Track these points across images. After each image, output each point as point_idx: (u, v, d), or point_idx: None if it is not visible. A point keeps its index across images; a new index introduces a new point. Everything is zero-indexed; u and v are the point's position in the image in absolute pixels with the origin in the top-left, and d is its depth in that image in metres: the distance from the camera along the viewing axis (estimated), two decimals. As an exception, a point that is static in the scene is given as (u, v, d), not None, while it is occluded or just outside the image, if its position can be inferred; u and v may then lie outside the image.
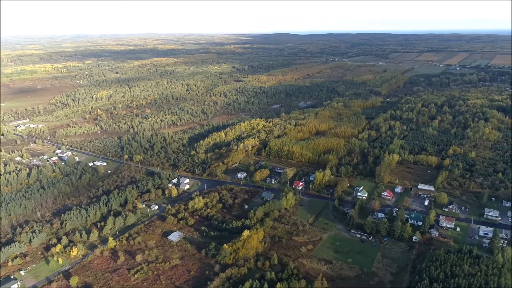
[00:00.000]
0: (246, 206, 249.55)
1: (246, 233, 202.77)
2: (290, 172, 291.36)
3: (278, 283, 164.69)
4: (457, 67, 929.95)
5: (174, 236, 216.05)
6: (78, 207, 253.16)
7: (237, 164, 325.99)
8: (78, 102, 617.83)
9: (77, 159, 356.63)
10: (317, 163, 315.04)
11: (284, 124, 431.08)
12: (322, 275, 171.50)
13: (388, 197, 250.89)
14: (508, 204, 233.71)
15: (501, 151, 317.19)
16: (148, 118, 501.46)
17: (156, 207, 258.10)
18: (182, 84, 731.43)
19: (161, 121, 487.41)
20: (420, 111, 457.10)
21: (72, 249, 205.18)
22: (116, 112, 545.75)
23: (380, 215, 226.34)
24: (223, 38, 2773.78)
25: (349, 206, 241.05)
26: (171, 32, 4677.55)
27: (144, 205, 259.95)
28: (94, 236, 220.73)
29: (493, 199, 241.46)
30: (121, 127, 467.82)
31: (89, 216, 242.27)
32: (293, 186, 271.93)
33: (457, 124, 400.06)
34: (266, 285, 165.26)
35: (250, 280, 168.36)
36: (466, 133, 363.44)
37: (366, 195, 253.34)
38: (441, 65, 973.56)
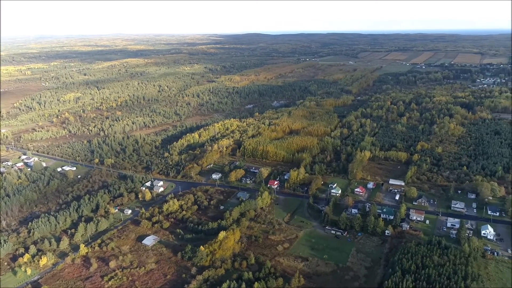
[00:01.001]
0: (222, 207, 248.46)
1: (222, 234, 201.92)
2: (265, 171, 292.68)
3: (256, 283, 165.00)
4: (423, 65, 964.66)
5: (149, 240, 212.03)
6: (46, 214, 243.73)
7: (211, 165, 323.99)
8: (44, 105, 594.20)
9: (44, 164, 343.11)
10: (292, 162, 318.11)
11: (258, 124, 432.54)
12: (299, 273, 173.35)
13: (361, 193, 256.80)
14: (473, 196, 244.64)
15: (465, 145, 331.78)
16: (119, 120, 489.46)
17: (130, 211, 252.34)
18: (154, 85, 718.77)
19: (133, 123, 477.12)
20: (389, 108, 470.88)
21: (41, 258, 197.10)
22: (85, 115, 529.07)
23: (354, 211, 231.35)
24: (194, 38, 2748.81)
25: (323, 203, 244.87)
26: (141, 32, 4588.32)
27: (116, 210, 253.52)
28: (65, 243, 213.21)
29: (459, 191, 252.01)
30: (91, 130, 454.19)
31: (58, 223, 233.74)
32: (268, 185, 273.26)
33: (424, 120, 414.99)
34: (243, 285, 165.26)
35: (228, 281, 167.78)
36: (432, 129, 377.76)
37: (339, 192, 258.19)
38: (408, 64, 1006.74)
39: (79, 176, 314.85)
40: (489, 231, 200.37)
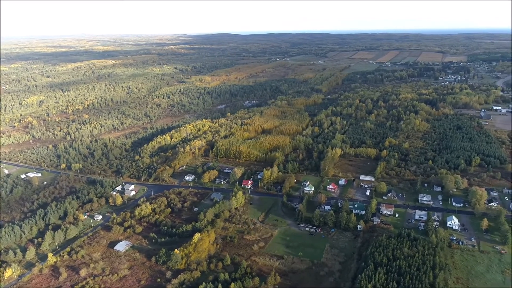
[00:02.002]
0: (196, 209, 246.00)
1: (197, 236, 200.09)
2: (238, 171, 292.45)
3: (232, 283, 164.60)
4: (389, 64, 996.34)
5: (121, 246, 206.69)
6: (10, 224, 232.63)
7: (184, 166, 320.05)
8: (5, 110, 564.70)
9: (6, 171, 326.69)
10: (265, 161, 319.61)
11: (230, 124, 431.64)
12: (275, 271, 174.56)
13: (333, 190, 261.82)
14: (439, 189, 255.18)
15: (430, 140, 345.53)
16: (86, 123, 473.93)
17: (100, 217, 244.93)
18: (122, 87, 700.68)
19: (101, 126, 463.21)
20: (358, 106, 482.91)
21: (5, 270, 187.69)
22: (49, 119, 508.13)
23: (327, 207, 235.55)
24: (163, 38, 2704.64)
25: (297, 201, 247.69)
26: (108, 33, 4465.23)
27: (86, 216, 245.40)
28: (31, 253, 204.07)
29: (426, 185, 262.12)
30: (56, 135, 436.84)
31: (23, 232, 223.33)
32: (242, 185, 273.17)
33: (392, 117, 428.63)
34: (220, 286, 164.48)
35: (204, 283, 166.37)
36: (399, 125, 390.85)
37: (312, 189, 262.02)
38: (374, 63, 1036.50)
39: (44, 183, 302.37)
40: (454, 222, 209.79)
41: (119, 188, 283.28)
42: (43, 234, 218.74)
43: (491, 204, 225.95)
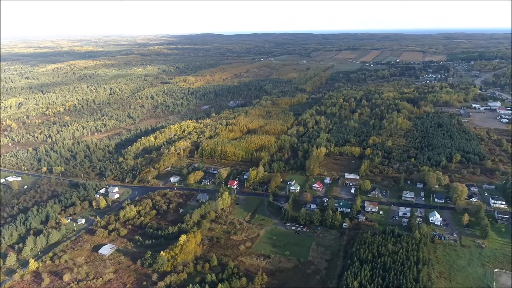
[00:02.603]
0: (181, 210, 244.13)
1: (183, 237, 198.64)
2: (224, 172, 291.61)
3: (219, 284, 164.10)
4: (371, 63, 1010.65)
5: (106, 250, 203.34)
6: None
7: (169, 168, 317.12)
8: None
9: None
10: (250, 161, 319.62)
11: (215, 124, 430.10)
12: (262, 271, 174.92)
13: (319, 188, 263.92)
14: (421, 185, 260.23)
15: (412, 138, 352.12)
16: (68, 126, 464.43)
17: (83, 220, 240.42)
18: (105, 88, 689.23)
19: (83, 128, 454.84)
20: (342, 105, 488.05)
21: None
22: (29, 122, 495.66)
23: (312, 206, 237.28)
24: (146, 39, 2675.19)
25: (283, 201, 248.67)
26: (89, 33, 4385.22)
27: (69, 220, 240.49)
28: (12, 260, 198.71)
29: (409, 182, 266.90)
30: (37, 138, 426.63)
31: (3, 238, 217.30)
32: (228, 185, 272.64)
33: (375, 116, 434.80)
34: (207, 287, 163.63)
35: (191, 285, 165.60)
36: (382, 123, 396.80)
37: (298, 188, 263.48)
38: (357, 62, 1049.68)
39: (25, 187, 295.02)
40: (436, 218, 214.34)
41: (102, 191, 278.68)
42: (24, 240, 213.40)
43: (471, 199, 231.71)
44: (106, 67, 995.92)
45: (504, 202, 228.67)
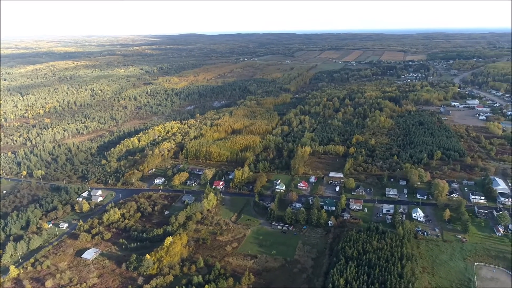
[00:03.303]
0: (166, 212, 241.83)
1: (169, 239, 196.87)
2: (209, 172, 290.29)
3: (206, 286, 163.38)
4: (354, 63, 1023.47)
5: (89, 254, 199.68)
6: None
7: (153, 169, 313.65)
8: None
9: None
10: (236, 161, 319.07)
11: (199, 125, 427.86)
12: (249, 271, 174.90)
13: (304, 188, 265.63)
14: (404, 183, 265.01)
15: (394, 136, 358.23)
16: (48, 128, 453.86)
17: (66, 225, 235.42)
18: (86, 89, 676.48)
19: (64, 130, 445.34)
20: (326, 105, 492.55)
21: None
22: (7, 124, 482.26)
23: (298, 205, 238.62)
24: (128, 39, 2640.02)
25: (269, 200, 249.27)
26: (68, 33, 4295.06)
27: (50, 225, 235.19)
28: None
29: (392, 179, 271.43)
30: (16, 141, 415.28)
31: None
32: (214, 186, 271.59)
33: (358, 115, 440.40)
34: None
35: (177, 287, 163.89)
36: (365, 122, 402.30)
37: (283, 187, 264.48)
38: (340, 62, 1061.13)
39: (4, 191, 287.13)
40: (419, 214, 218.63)
41: (85, 194, 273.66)
42: (4, 246, 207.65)
43: (452, 195, 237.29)
44: (87, 68, 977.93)
45: (483, 197, 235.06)
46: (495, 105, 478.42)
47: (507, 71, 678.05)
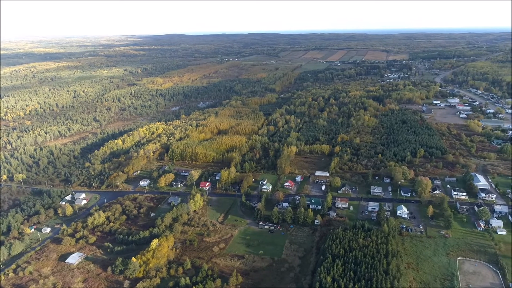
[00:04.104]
0: (152, 214, 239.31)
1: (155, 242, 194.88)
2: (195, 173, 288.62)
3: (194, 287, 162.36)
4: (338, 63, 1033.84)
5: (74, 258, 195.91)
6: None
7: (138, 171, 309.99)
8: None
9: None
10: (222, 162, 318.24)
11: (185, 126, 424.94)
12: (236, 271, 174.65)
13: (290, 187, 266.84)
14: (388, 180, 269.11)
15: (378, 135, 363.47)
16: (29, 131, 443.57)
17: (49, 229, 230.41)
18: (68, 91, 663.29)
19: (46, 133, 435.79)
20: (311, 104, 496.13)
21: None
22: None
23: (285, 204, 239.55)
24: (111, 39, 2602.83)
25: (255, 200, 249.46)
26: (49, 34, 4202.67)
27: (33, 230, 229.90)
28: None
29: (376, 177, 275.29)
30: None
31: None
32: (200, 187, 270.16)
33: (343, 114, 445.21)
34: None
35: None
36: (350, 121, 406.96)
37: (270, 187, 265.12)
38: (324, 62, 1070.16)
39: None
40: (403, 211, 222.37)
41: (68, 197, 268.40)
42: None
43: (435, 192, 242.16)
44: (69, 69, 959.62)
45: (464, 194, 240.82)
46: (475, 104, 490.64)
47: (485, 70, 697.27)
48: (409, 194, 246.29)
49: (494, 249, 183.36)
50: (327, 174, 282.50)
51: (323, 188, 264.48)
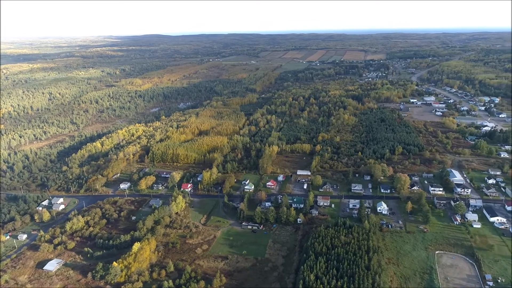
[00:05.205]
0: (133, 218, 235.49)
1: (136, 245, 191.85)
2: (177, 175, 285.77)
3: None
4: (318, 63, 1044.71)
5: (52, 265, 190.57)
6: None
7: (118, 174, 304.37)
8: None
9: None
10: (204, 163, 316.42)
11: (165, 127, 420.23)
12: (220, 272, 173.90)
13: (273, 186, 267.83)
14: (368, 178, 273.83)
15: (358, 133, 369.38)
16: (3, 135, 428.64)
17: (25, 236, 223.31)
18: (43, 93, 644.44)
19: (20, 137, 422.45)
20: (291, 104, 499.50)
21: None
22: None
23: (267, 204, 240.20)
24: (87, 40, 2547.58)
25: (238, 200, 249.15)
26: (22, 35, 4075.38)
27: (8, 237, 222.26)
28: None
29: (357, 175, 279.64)
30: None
31: None
32: (182, 189, 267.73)
33: (323, 113, 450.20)
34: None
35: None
36: (330, 120, 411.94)
37: (252, 187, 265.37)
38: (304, 62, 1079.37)
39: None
40: (383, 207, 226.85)
41: (45, 202, 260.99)
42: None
43: (413, 188, 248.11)
44: (44, 71, 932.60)
45: (441, 189, 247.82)
46: (449, 101, 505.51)
47: (459, 69, 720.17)
48: (389, 191, 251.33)
49: (470, 242, 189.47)
50: (309, 173, 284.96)
51: (305, 187, 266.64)
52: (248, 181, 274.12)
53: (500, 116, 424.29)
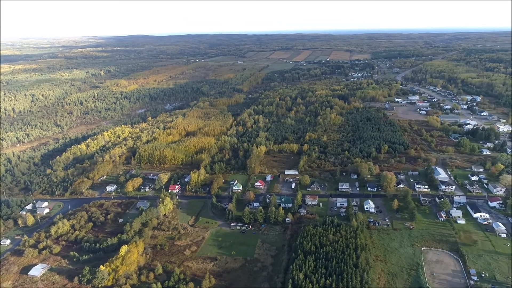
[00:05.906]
0: (121, 220, 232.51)
1: (124, 248, 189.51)
2: (164, 177, 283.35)
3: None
4: (304, 63, 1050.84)
5: (37, 270, 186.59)
6: None
7: (104, 177, 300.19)
8: None
9: None
10: (191, 164, 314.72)
11: (152, 128, 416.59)
12: (209, 273, 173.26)
13: (261, 186, 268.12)
14: (355, 176, 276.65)
15: (344, 132, 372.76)
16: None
17: (8, 241, 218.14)
18: (25, 95, 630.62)
19: (2, 140, 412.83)
20: (279, 104, 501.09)
21: None
22: None
23: (256, 204, 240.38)
24: (71, 41, 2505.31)
25: (226, 201, 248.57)
26: (3, 35, 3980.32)
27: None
28: None
29: (344, 174, 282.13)
30: None
31: None
32: (169, 190, 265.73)
33: (310, 113, 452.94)
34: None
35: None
36: (317, 120, 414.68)
37: (241, 187, 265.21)
38: (291, 62, 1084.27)
39: None
40: (370, 205, 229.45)
41: (29, 206, 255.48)
42: None
43: (399, 186, 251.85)
44: (26, 72, 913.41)
45: (426, 186, 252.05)
46: (433, 100, 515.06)
47: (442, 68, 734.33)
48: (375, 189, 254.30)
49: (455, 238, 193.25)
50: (296, 173, 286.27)
51: (293, 186, 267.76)
52: (236, 181, 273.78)
53: (482, 114, 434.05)
